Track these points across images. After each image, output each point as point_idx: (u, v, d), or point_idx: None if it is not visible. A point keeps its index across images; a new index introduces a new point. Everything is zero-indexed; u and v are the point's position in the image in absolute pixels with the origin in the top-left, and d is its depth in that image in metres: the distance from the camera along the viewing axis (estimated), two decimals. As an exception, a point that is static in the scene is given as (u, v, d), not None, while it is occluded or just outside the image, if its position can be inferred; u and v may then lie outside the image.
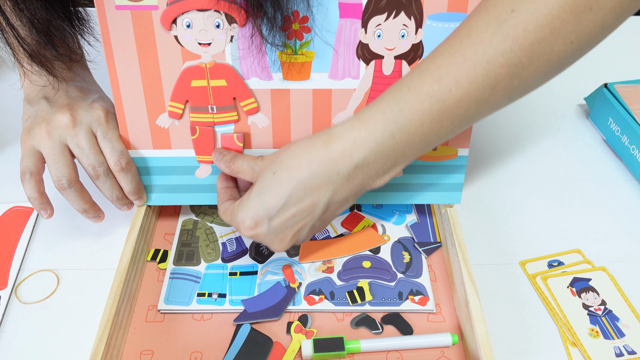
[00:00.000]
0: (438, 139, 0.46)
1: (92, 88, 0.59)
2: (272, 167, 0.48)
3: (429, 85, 0.43)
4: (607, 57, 0.89)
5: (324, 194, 0.47)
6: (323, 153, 0.46)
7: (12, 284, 0.57)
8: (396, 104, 0.44)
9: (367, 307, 0.55)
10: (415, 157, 0.47)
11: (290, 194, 0.47)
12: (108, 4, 0.49)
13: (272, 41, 0.49)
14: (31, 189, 0.54)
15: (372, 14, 0.50)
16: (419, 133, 0.45)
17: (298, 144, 0.48)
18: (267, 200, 0.48)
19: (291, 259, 0.60)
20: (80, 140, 0.54)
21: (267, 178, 0.48)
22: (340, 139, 0.46)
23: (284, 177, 0.47)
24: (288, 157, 0.48)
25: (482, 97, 0.43)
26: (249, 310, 0.55)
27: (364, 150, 0.45)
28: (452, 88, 0.43)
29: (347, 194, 0.48)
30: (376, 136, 0.45)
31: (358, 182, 0.47)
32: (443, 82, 0.43)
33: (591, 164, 0.72)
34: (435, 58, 0.44)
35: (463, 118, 0.44)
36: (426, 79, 0.43)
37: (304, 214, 0.48)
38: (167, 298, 0.56)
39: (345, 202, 0.49)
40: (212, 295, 0.56)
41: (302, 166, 0.46)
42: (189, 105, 0.54)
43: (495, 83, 0.42)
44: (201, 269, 0.59)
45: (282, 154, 0.48)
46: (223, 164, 0.54)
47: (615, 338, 0.53)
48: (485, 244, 0.62)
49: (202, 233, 0.62)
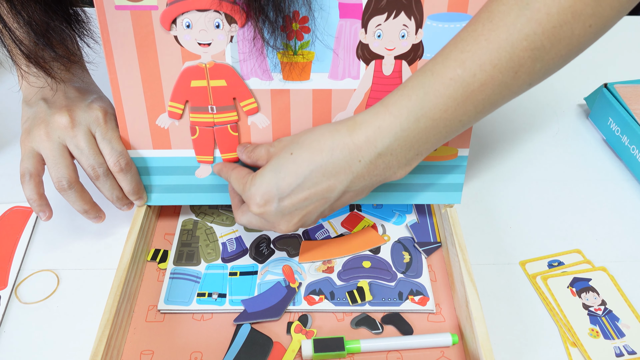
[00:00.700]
0: (461, 125, 0.46)
1: (90, 89, 0.59)
2: (291, 147, 0.48)
3: (453, 70, 0.43)
4: (607, 57, 0.89)
5: (341, 181, 0.47)
6: (346, 139, 0.46)
7: (12, 284, 0.57)
8: (421, 89, 0.44)
9: (367, 307, 0.55)
10: (437, 147, 0.47)
11: (307, 176, 0.46)
12: (108, 4, 0.49)
13: (274, 44, 0.49)
14: (31, 190, 0.54)
15: (372, 14, 0.50)
16: (443, 119, 0.45)
17: (321, 128, 0.47)
18: (281, 179, 0.47)
19: (291, 259, 0.60)
20: (79, 141, 0.54)
21: (284, 157, 0.48)
22: (364, 126, 0.46)
23: (303, 159, 0.47)
24: (310, 140, 0.47)
25: (505, 81, 0.43)
26: (249, 310, 0.55)
27: (389, 137, 0.45)
28: (477, 72, 0.43)
29: (365, 183, 0.48)
30: (401, 121, 0.45)
31: (379, 171, 0.47)
32: (467, 67, 0.43)
33: (591, 164, 0.72)
34: (458, 43, 0.44)
35: (486, 103, 0.44)
36: (450, 64, 0.44)
37: (317, 198, 0.48)
38: (167, 298, 0.56)
39: (361, 192, 0.49)
40: (212, 295, 0.56)
41: (324, 150, 0.46)
42: (189, 106, 0.54)
43: (518, 67, 0.43)
44: (201, 269, 0.59)
45: (303, 136, 0.48)
46: (245, 154, 0.54)
47: (615, 338, 0.53)
48: (485, 244, 0.62)
49: (202, 233, 0.62)
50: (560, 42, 0.42)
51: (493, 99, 0.44)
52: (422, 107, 0.44)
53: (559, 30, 0.41)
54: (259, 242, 0.61)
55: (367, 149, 0.46)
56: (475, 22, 0.44)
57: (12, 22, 0.47)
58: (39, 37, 0.49)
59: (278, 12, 0.47)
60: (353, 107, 0.55)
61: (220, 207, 0.65)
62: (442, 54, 0.45)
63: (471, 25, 0.44)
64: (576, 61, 0.53)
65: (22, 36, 0.49)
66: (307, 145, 0.47)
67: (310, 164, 0.46)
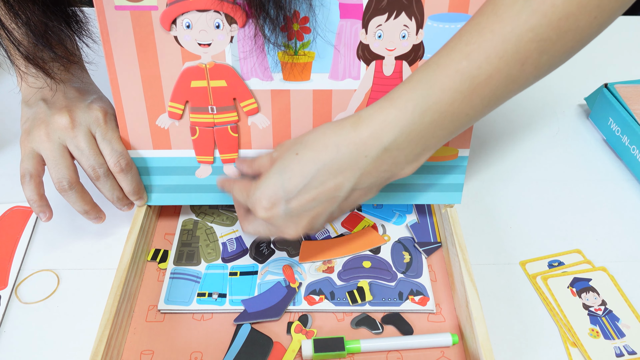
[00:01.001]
0: (468, 120, 0.45)
1: (90, 89, 0.59)
2: (295, 147, 0.47)
3: (458, 62, 0.43)
4: (607, 57, 0.89)
5: (348, 178, 0.46)
6: (351, 135, 0.45)
7: (12, 284, 0.57)
8: (426, 82, 0.44)
9: (368, 307, 0.55)
10: (444, 143, 0.47)
11: (313, 175, 0.46)
12: (107, 4, 0.49)
13: (275, 41, 0.49)
14: (31, 191, 0.54)
15: (372, 14, 0.50)
16: (449, 113, 0.44)
17: (325, 126, 0.47)
18: (287, 180, 0.46)
19: (291, 259, 0.60)
20: (79, 142, 0.54)
21: (288, 158, 0.47)
22: (369, 121, 0.45)
23: (308, 158, 0.46)
24: (314, 139, 0.46)
25: (512, 73, 0.43)
26: (249, 310, 0.55)
27: (394, 132, 0.44)
28: (482, 64, 0.42)
29: (373, 180, 0.47)
30: (406, 115, 0.44)
31: (386, 167, 0.46)
32: (473, 59, 0.42)
33: (591, 164, 0.72)
34: (463, 36, 0.44)
35: (492, 97, 0.44)
36: (455, 56, 0.43)
37: (325, 198, 0.47)
38: (167, 298, 0.56)
39: (369, 191, 0.48)
40: (213, 295, 0.56)
41: (329, 148, 0.45)
42: (189, 106, 0.54)
43: (524, 59, 0.42)
44: (201, 269, 0.59)
45: (307, 136, 0.47)
46: (246, 165, 0.54)
47: (615, 338, 0.54)
48: (485, 244, 0.62)
49: (202, 233, 0.62)
50: (567, 34, 0.42)
51: (499, 92, 0.44)
52: (428, 101, 0.44)
53: (565, 22, 0.41)
54: (259, 242, 0.61)
55: (372, 144, 0.45)
56: (480, 15, 0.43)
57: (10, 23, 0.47)
58: (38, 38, 0.48)
59: (279, 9, 0.47)
60: (353, 108, 0.54)
61: (221, 207, 0.65)
62: (447, 47, 0.44)
63: (475, 19, 0.44)
64: (576, 61, 0.53)
65: (21, 37, 0.49)
66: (312, 144, 0.46)
67: (316, 162, 0.46)
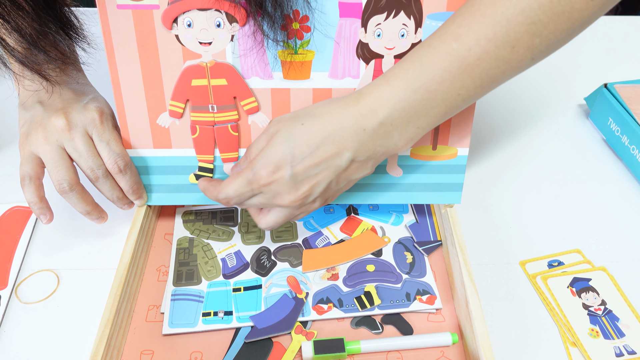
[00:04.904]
0: (461, 100, 0.47)
1: (86, 90, 0.59)
2: (300, 119, 0.49)
3: (449, 44, 0.45)
4: (607, 57, 0.89)
5: (349, 148, 0.48)
6: (353, 110, 0.48)
7: (12, 284, 0.57)
8: (418, 62, 0.46)
9: (377, 312, 0.55)
10: (440, 121, 0.48)
11: (318, 144, 0.48)
12: (109, 3, 0.49)
13: (274, 37, 0.49)
14: (31, 194, 0.54)
15: (372, 13, 0.50)
16: (439, 91, 0.46)
17: (331, 102, 0.49)
18: (294, 147, 0.48)
19: (294, 269, 0.59)
20: (76, 144, 0.54)
21: (295, 127, 0.48)
22: (367, 97, 0.47)
23: (316, 128, 0.48)
24: (321, 111, 0.49)
25: (502, 55, 0.44)
26: (259, 326, 0.53)
27: (388, 107, 0.47)
28: (472, 46, 0.44)
29: (370, 153, 0.49)
30: (399, 93, 0.46)
31: (381, 142, 0.48)
32: (462, 41, 0.44)
33: (591, 164, 0.72)
34: (456, 18, 0.45)
35: (485, 77, 0.45)
36: (446, 38, 0.45)
37: (326, 166, 0.48)
38: (171, 321, 0.54)
39: (366, 163, 0.50)
40: (218, 314, 0.54)
41: (334, 120, 0.48)
42: (190, 105, 0.54)
43: (515, 41, 0.43)
44: (203, 288, 0.57)
45: (313, 109, 0.49)
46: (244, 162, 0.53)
47: (615, 338, 0.53)
48: (485, 244, 0.62)
49: (199, 250, 0.60)
50: (559, 16, 0.42)
51: (492, 73, 0.45)
52: (419, 79, 0.46)
53: (557, 4, 0.42)
54: (259, 255, 0.60)
55: (370, 118, 0.47)
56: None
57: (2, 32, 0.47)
58: (30, 43, 0.48)
59: (277, 6, 0.47)
60: (353, 107, 0.55)
61: (215, 222, 0.63)
62: (441, 29, 0.46)
63: (469, 2, 0.45)
64: (576, 61, 0.53)
65: (14, 43, 0.49)
66: (319, 115, 0.48)
67: (322, 132, 0.48)
